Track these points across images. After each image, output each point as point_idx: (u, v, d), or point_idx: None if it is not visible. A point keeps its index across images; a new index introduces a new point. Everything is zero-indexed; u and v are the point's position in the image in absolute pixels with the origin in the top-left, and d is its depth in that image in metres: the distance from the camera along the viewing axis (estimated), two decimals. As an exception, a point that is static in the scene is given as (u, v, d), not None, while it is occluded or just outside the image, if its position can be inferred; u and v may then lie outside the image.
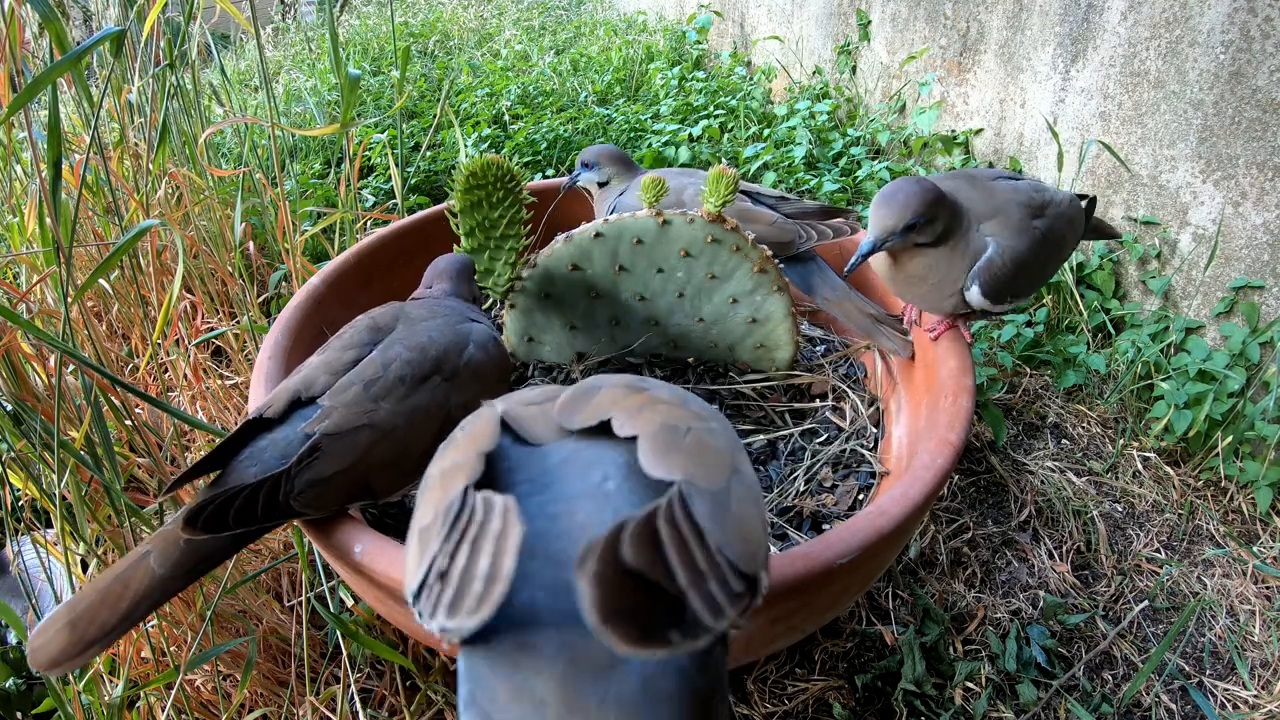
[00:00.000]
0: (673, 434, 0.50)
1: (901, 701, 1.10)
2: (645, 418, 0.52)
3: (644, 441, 0.49)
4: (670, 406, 0.54)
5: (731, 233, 1.06)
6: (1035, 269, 1.01)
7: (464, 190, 1.02)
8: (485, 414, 0.57)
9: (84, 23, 2.38)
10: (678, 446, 0.48)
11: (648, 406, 0.53)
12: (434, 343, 0.85)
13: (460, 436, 0.55)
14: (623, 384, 0.58)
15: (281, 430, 0.78)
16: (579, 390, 0.57)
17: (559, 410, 0.56)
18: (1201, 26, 1.47)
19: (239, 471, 0.75)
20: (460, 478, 0.47)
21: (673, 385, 0.62)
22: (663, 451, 0.48)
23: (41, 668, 0.65)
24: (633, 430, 0.51)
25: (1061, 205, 1.04)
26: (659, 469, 0.47)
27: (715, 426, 0.55)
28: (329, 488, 0.74)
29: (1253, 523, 1.38)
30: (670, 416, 0.52)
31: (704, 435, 0.51)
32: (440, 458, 0.54)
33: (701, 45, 3.44)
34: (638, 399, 0.55)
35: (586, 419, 0.54)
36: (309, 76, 3.31)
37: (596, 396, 0.56)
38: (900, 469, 1.03)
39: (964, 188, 1.02)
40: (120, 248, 0.89)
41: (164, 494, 0.82)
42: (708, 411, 0.58)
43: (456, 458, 0.51)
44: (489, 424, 0.54)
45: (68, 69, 0.78)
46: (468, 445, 0.52)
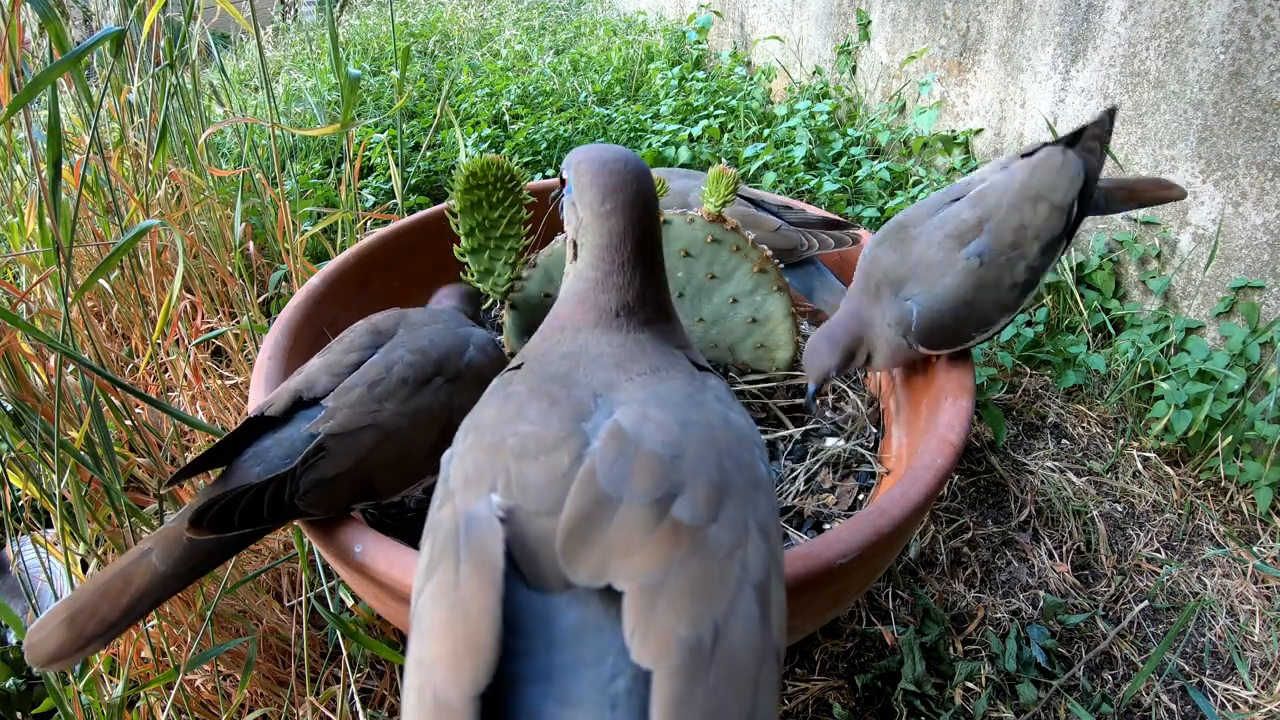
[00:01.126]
0: (692, 678, 0.41)
1: (901, 701, 1.10)
2: (661, 630, 0.42)
3: (658, 703, 0.40)
4: (697, 563, 0.45)
5: (731, 233, 1.06)
6: (985, 292, 0.95)
7: (464, 190, 1.02)
8: (485, 554, 0.46)
9: (84, 23, 2.38)
10: (696, 709, 0.40)
11: (666, 584, 0.44)
12: (435, 345, 0.86)
13: (452, 598, 0.44)
14: (647, 493, 0.48)
15: (285, 430, 0.78)
16: (590, 499, 0.47)
17: (561, 539, 0.46)
18: (1201, 26, 1.47)
19: (243, 471, 0.76)
20: (455, 716, 0.39)
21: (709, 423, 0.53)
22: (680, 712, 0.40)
23: (39, 663, 0.65)
24: (646, 658, 0.41)
25: (1016, 193, 0.95)
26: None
27: (750, 561, 0.46)
28: (334, 488, 0.75)
29: (1253, 523, 1.38)
30: (695, 602, 0.43)
31: (732, 639, 0.43)
32: (430, 621, 0.44)
33: (701, 45, 3.44)
34: (659, 545, 0.45)
35: (591, 574, 0.45)
36: (309, 76, 3.31)
37: (610, 525, 0.46)
38: (900, 469, 1.03)
39: (886, 254, 1.00)
40: (120, 248, 0.89)
41: (165, 487, 0.82)
42: (743, 509, 0.49)
43: (448, 682, 0.41)
44: (486, 599, 0.43)
45: (67, 69, 0.78)
46: (460, 654, 0.42)
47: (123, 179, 1.48)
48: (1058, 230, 0.95)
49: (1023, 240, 0.94)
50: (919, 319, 0.96)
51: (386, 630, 1.15)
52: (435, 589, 0.46)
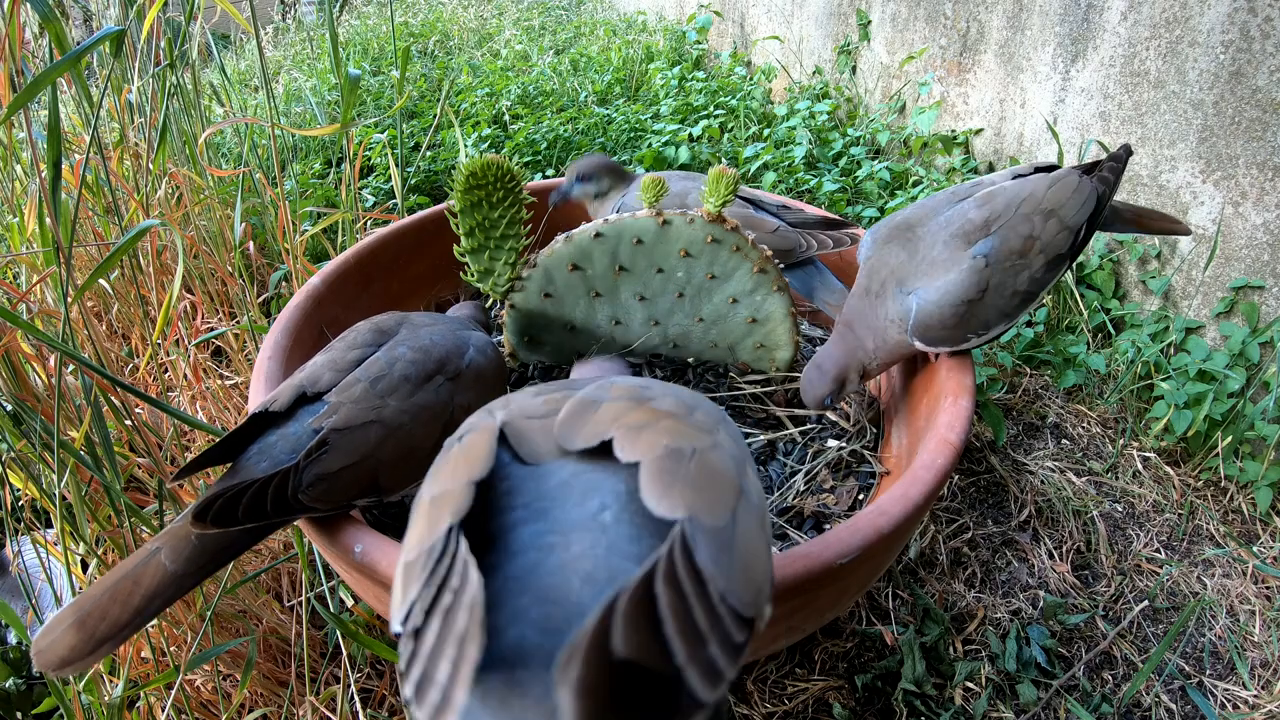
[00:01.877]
0: (676, 461, 0.47)
1: (901, 701, 1.10)
2: (647, 441, 0.49)
3: (645, 473, 0.46)
4: (675, 421, 0.52)
5: (731, 233, 1.06)
6: (987, 295, 0.95)
7: (464, 190, 1.02)
8: (484, 426, 0.54)
9: (84, 23, 2.38)
10: (681, 477, 0.46)
11: (650, 425, 0.51)
12: (437, 345, 0.87)
13: (455, 452, 0.53)
14: (625, 395, 0.56)
15: (290, 425, 0.78)
16: (580, 403, 0.55)
17: (559, 426, 0.53)
18: (1201, 26, 1.47)
19: (248, 466, 0.76)
20: (446, 512, 0.45)
21: (677, 389, 0.60)
22: (665, 485, 0.46)
23: (50, 668, 0.64)
24: (634, 455, 0.48)
25: (1027, 203, 0.96)
26: (662, 506, 0.45)
27: (722, 439, 0.53)
28: (337, 482, 0.75)
29: (1253, 523, 1.38)
30: (674, 436, 0.50)
31: (709, 456, 0.49)
32: (434, 475, 0.52)
33: (701, 45, 3.44)
34: (640, 414, 0.52)
35: (587, 438, 0.52)
36: (309, 76, 3.31)
37: (598, 411, 0.54)
38: (900, 469, 1.03)
39: (891, 251, 1.00)
40: (120, 248, 0.89)
41: (174, 480, 0.82)
42: (713, 419, 0.56)
43: (447, 483, 0.49)
44: (485, 442, 0.52)
45: (67, 69, 0.78)
46: (460, 468, 0.50)
47: (123, 179, 1.48)
48: (1063, 249, 0.97)
49: (1029, 251, 0.95)
50: (918, 313, 0.96)
51: (386, 630, 1.15)
52: (439, 462, 0.53)
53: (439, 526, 0.45)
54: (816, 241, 1.20)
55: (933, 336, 0.97)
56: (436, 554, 0.43)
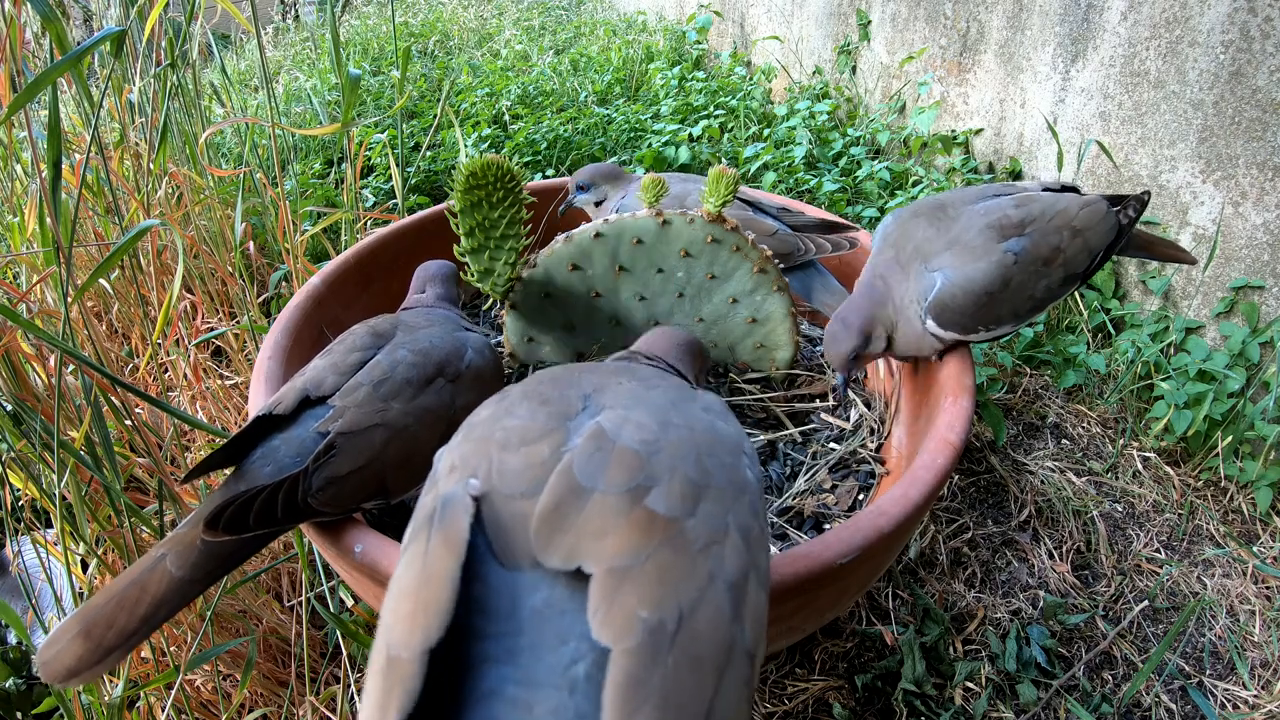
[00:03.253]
0: (651, 658, 0.41)
1: (901, 701, 1.10)
2: (624, 610, 0.42)
3: (613, 680, 0.40)
4: (669, 553, 0.45)
5: (731, 233, 1.06)
6: (1008, 292, 0.96)
7: (464, 190, 1.02)
8: (453, 526, 0.47)
9: (84, 23, 2.38)
10: (653, 693, 0.40)
11: (634, 570, 0.44)
12: (436, 348, 0.87)
13: (420, 564, 0.46)
14: (623, 479, 0.49)
15: (294, 429, 0.78)
16: (566, 488, 0.49)
17: (536, 524, 0.47)
18: (1201, 26, 1.47)
19: (253, 470, 0.76)
20: (394, 698, 0.40)
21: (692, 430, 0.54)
22: (632, 710, 0.39)
23: (57, 679, 0.63)
24: (606, 636, 0.42)
25: (1061, 216, 0.99)
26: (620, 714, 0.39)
27: (726, 552, 0.46)
28: (345, 486, 0.75)
29: (1253, 523, 1.38)
30: (661, 588, 0.43)
31: (698, 628, 0.42)
32: (400, 583, 0.46)
33: (701, 45, 3.44)
34: (629, 531, 0.46)
35: (564, 556, 0.46)
36: (309, 76, 3.31)
37: (583, 512, 0.47)
38: (900, 469, 1.03)
39: (918, 226, 1.00)
40: (120, 248, 0.89)
41: (181, 484, 0.82)
42: (723, 504, 0.49)
43: (405, 633, 0.42)
44: (448, 570, 0.45)
45: (68, 69, 0.78)
46: (417, 610, 0.43)
47: (123, 179, 1.48)
48: (1079, 269, 1.00)
49: (1053, 261, 0.98)
50: (940, 291, 0.96)
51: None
52: (406, 561, 0.48)
53: (398, 674, 0.40)
54: (815, 245, 1.20)
55: (947, 319, 0.97)
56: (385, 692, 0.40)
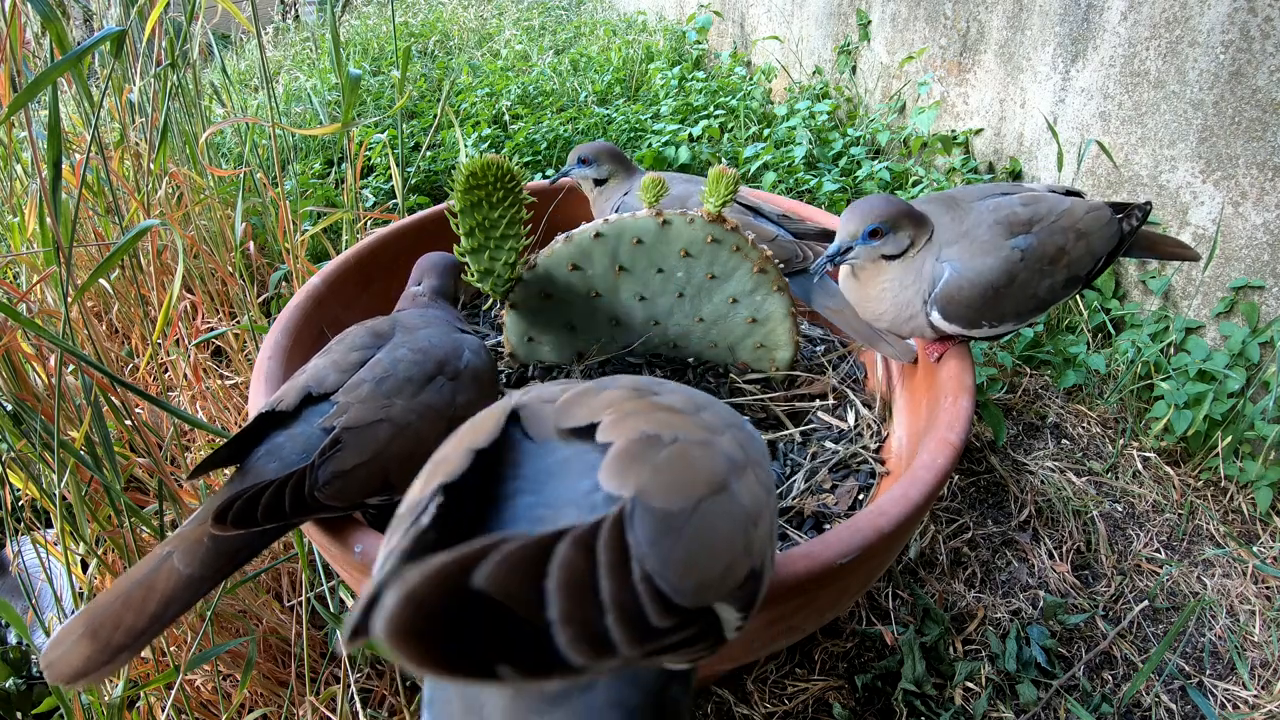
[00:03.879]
0: (647, 446, 0.47)
1: (901, 701, 1.10)
2: (628, 426, 0.49)
3: (611, 454, 0.46)
4: (670, 414, 0.51)
5: (731, 233, 1.06)
6: (1015, 290, 0.97)
7: (464, 190, 1.02)
8: (498, 405, 0.56)
9: (84, 23, 2.38)
10: (644, 460, 0.45)
11: (639, 414, 0.51)
12: (435, 347, 0.88)
13: (465, 426, 0.55)
14: (630, 386, 0.56)
15: (298, 426, 0.79)
16: (586, 388, 0.56)
17: (560, 407, 0.55)
18: (1201, 26, 1.47)
19: (258, 467, 0.76)
20: (439, 475, 0.47)
21: (693, 391, 0.59)
22: (623, 465, 0.45)
23: (63, 681, 0.62)
24: (609, 438, 0.48)
25: (1066, 217, 1.00)
26: (611, 483, 0.44)
27: (722, 441, 0.51)
28: (351, 480, 0.75)
29: (1253, 523, 1.38)
30: (662, 424, 0.49)
31: (692, 449, 0.48)
32: (444, 443, 0.54)
33: (701, 45, 3.44)
34: (636, 404, 0.53)
35: (578, 419, 0.53)
36: (309, 76, 3.31)
37: (598, 397, 0.55)
38: (900, 469, 1.03)
39: (938, 212, 1.01)
40: (120, 248, 0.89)
41: (186, 480, 0.82)
42: (721, 421, 0.55)
43: (449, 450, 0.51)
44: (494, 418, 0.54)
45: (68, 69, 0.78)
46: (465, 438, 0.52)
47: (123, 179, 1.48)
48: (1082, 271, 1.01)
49: (1058, 261, 0.99)
50: (947, 283, 0.96)
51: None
52: (451, 436, 0.55)
53: (430, 487, 0.47)
54: (815, 252, 1.20)
55: (952, 311, 0.97)
56: (418, 511, 0.45)
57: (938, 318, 0.98)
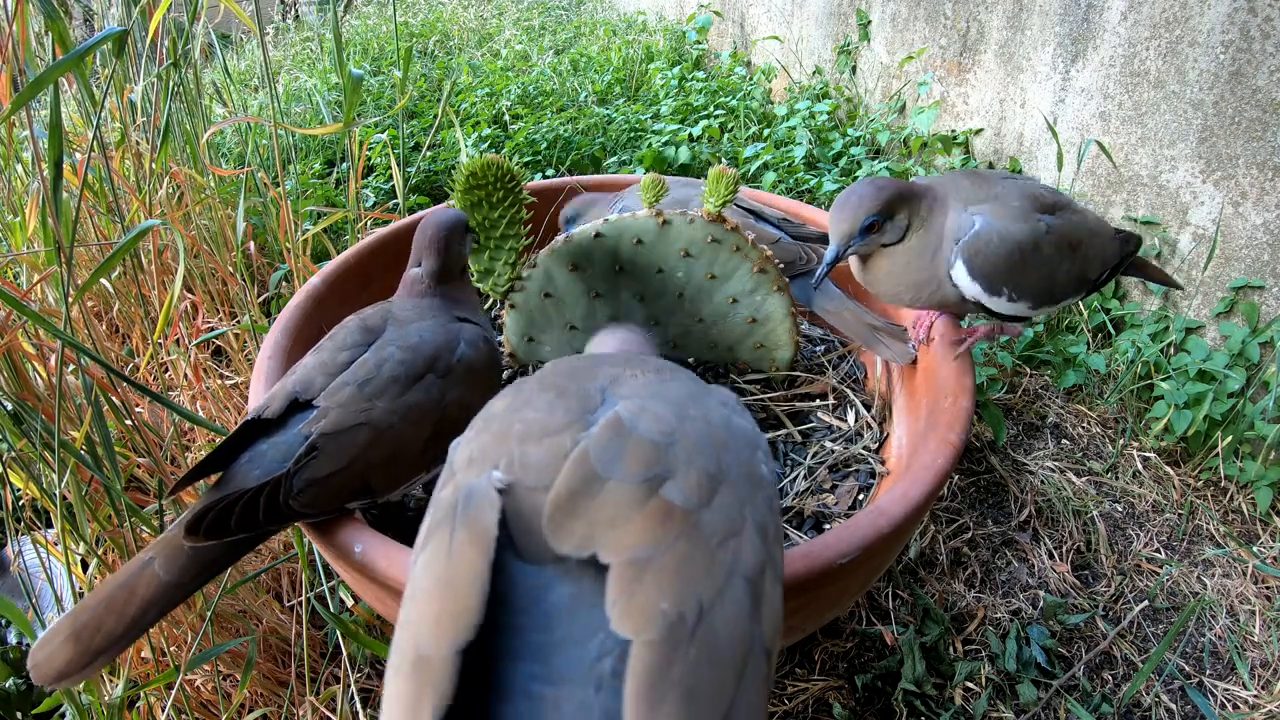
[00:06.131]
0: (671, 652, 0.40)
1: (901, 701, 1.10)
2: (644, 603, 0.42)
3: (634, 673, 0.40)
4: (685, 544, 0.45)
5: (731, 233, 1.06)
6: (1039, 262, 0.94)
7: (464, 190, 1.02)
8: (481, 525, 0.47)
9: (85, 22, 2.38)
10: (673, 684, 0.40)
11: (653, 562, 0.44)
12: (426, 342, 0.86)
13: (444, 563, 0.45)
14: (639, 468, 0.48)
15: (282, 434, 0.78)
16: (580, 474, 0.48)
17: (549, 512, 0.47)
18: (1201, 26, 1.47)
19: (240, 474, 0.76)
20: (426, 700, 0.39)
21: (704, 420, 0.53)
22: (649, 708, 0.39)
23: (47, 681, 0.64)
24: (626, 629, 0.41)
25: (1080, 215, 1.00)
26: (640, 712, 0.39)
27: (742, 546, 0.46)
28: (327, 487, 0.75)
29: (1253, 523, 1.38)
30: (679, 581, 0.43)
31: (715, 624, 0.42)
32: (422, 580, 0.45)
33: (701, 45, 3.44)
34: (645, 522, 0.45)
35: (578, 543, 0.45)
36: (310, 76, 3.31)
37: (598, 498, 0.47)
38: (900, 469, 1.03)
39: (959, 179, 0.99)
40: (121, 248, 0.89)
41: (166, 497, 0.82)
42: (738, 499, 0.49)
43: (433, 635, 0.42)
44: (476, 567, 0.44)
45: (70, 68, 0.78)
46: (444, 613, 0.42)
47: (124, 178, 1.48)
48: (1091, 274, 1.01)
49: (1076, 250, 0.98)
50: (978, 234, 0.92)
51: (386, 630, 1.15)
52: (428, 556, 0.47)
53: (427, 679, 0.40)
54: (816, 255, 1.20)
55: (978, 265, 0.92)
56: None
57: (961, 271, 0.92)
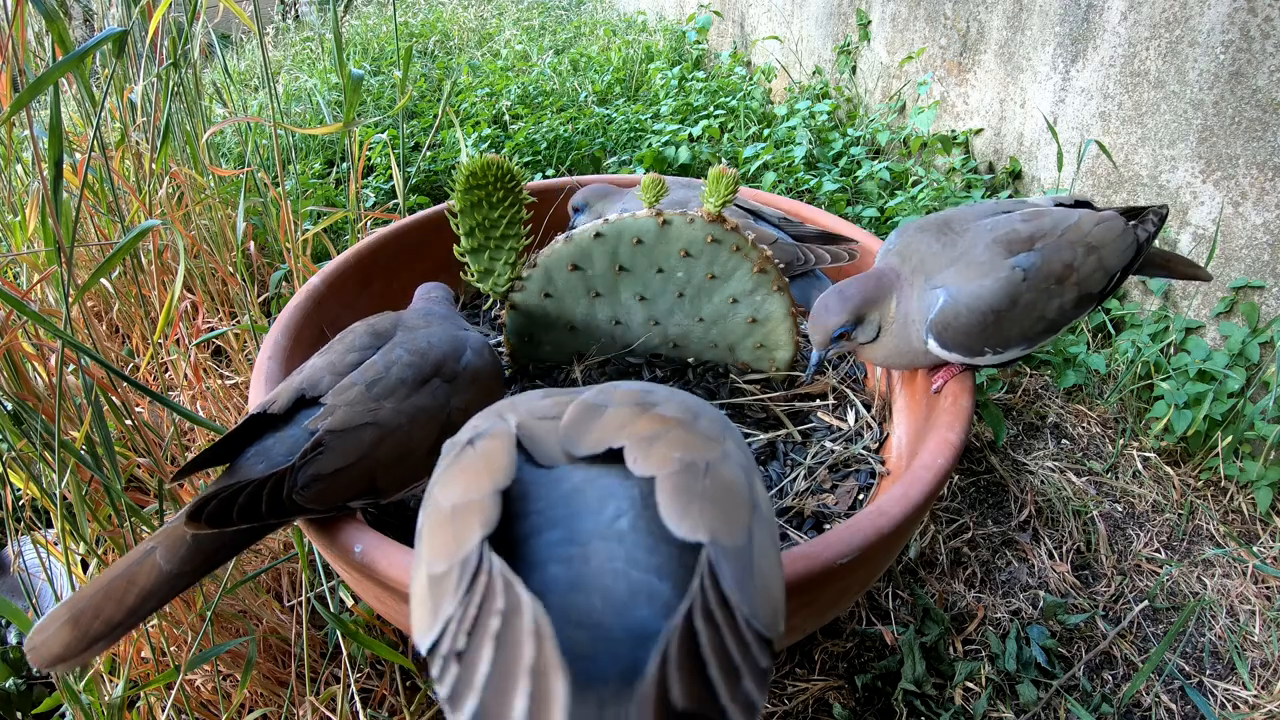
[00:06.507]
0: (691, 477, 0.47)
1: (901, 701, 1.10)
2: (660, 454, 0.48)
3: (663, 490, 0.46)
4: (683, 431, 0.51)
5: (731, 233, 1.06)
6: (1019, 314, 0.91)
7: (464, 190, 1.02)
8: (499, 431, 0.53)
9: (85, 22, 2.38)
10: (698, 495, 0.45)
11: (660, 436, 0.50)
12: (434, 347, 0.87)
13: (473, 457, 0.51)
14: (629, 400, 0.55)
15: (288, 428, 0.79)
16: (584, 407, 0.55)
17: (564, 430, 0.53)
18: (1201, 26, 1.47)
19: (246, 468, 0.76)
20: (475, 523, 0.44)
21: (679, 394, 0.59)
22: (684, 504, 0.45)
23: (43, 664, 0.65)
24: (648, 469, 0.48)
25: (1073, 232, 0.94)
26: (683, 527, 0.44)
27: (729, 449, 0.52)
28: (332, 484, 0.75)
29: (1253, 523, 1.38)
30: (685, 448, 0.49)
31: (721, 470, 0.48)
32: (448, 481, 0.50)
33: (701, 45, 3.44)
34: (648, 422, 0.52)
35: (592, 445, 0.51)
36: (310, 76, 3.31)
37: (603, 416, 0.53)
38: (900, 469, 1.03)
39: (923, 241, 0.96)
40: (121, 248, 0.89)
41: (171, 481, 0.82)
42: (717, 426, 0.55)
43: (470, 491, 0.47)
44: (505, 448, 0.51)
45: (70, 69, 0.78)
46: (483, 475, 0.48)
47: (124, 178, 1.48)
48: (1095, 289, 0.95)
49: (1066, 279, 0.93)
50: (942, 310, 0.91)
51: (386, 630, 1.16)
52: (452, 465, 0.52)
53: (469, 539, 0.43)
54: (816, 255, 1.20)
55: (949, 339, 0.92)
56: (471, 569, 0.42)
57: (935, 346, 0.93)
